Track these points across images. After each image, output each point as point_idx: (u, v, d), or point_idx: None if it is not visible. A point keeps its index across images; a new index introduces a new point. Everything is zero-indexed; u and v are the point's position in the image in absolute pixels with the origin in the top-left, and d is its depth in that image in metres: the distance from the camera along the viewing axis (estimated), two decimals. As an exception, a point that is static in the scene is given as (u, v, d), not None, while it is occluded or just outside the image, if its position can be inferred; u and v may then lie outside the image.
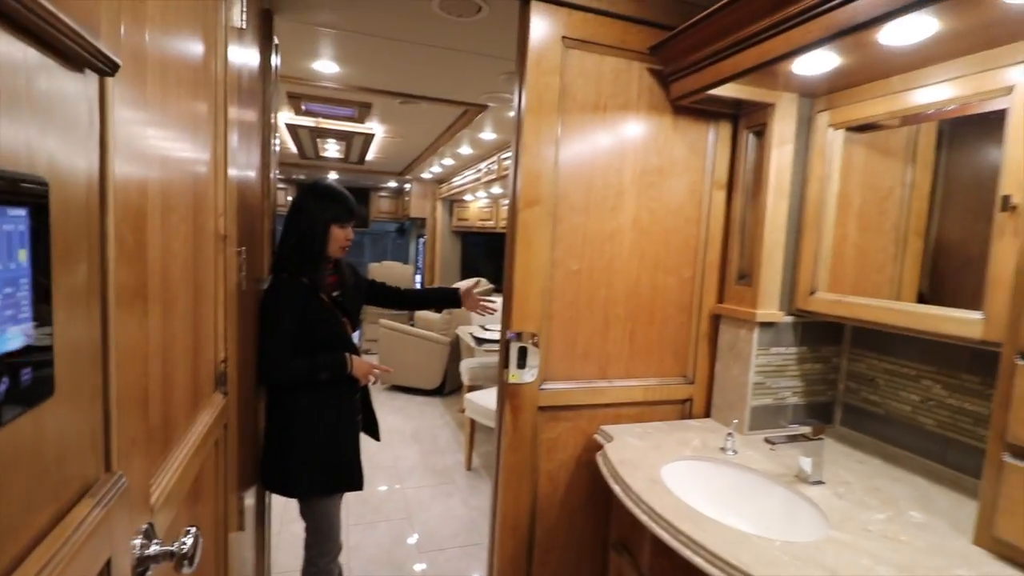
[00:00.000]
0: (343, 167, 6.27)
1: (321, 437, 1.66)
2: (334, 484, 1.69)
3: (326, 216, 1.66)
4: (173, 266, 0.87)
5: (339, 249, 1.70)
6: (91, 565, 0.46)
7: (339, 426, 1.70)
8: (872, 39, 1.16)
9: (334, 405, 1.68)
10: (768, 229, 1.63)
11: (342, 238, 1.69)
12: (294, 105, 3.62)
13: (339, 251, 1.71)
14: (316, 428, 1.65)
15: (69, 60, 0.45)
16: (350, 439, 1.73)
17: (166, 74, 0.80)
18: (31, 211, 0.40)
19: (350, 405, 1.74)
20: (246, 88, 1.41)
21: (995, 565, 1.04)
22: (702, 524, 1.15)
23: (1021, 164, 1.07)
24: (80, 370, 0.49)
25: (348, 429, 1.73)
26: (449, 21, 1.98)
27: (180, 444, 0.91)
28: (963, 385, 1.43)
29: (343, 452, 1.70)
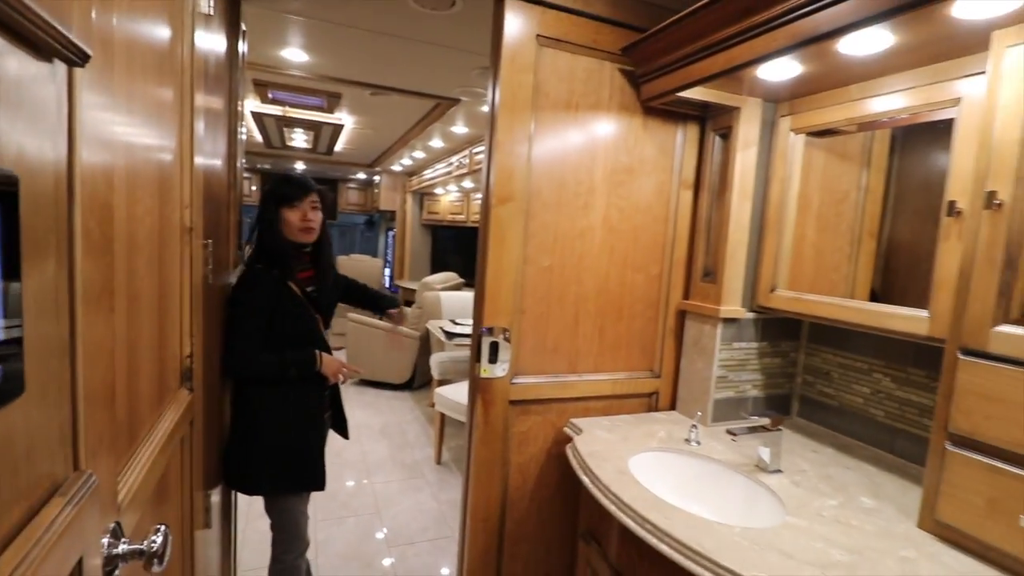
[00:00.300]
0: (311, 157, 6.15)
1: (285, 435, 1.63)
2: (296, 483, 1.66)
3: (272, 199, 1.62)
4: (138, 259, 0.85)
5: (299, 232, 1.63)
6: (63, 564, 0.45)
7: (305, 424, 1.66)
8: (832, 49, 1.21)
9: (300, 402, 1.65)
10: (732, 228, 1.68)
11: (296, 220, 1.62)
12: (260, 93, 3.53)
13: (299, 235, 1.63)
14: (281, 425, 1.62)
15: (39, 51, 0.44)
16: (315, 437, 1.70)
17: (132, 60, 0.78)
18: (1, 205, 0.39)
19: (317, 402, 1.71)
20: (212, 75, 1.37)
21: (937, 546, 1.11)
22: (667, 513, 1.19)
23: (967, 172, 1.14)
24: (49, 367, 0.48)
25: (314, 427, 1.69)
26: (423, 14, 1.97)
27: (146, 441, 0.89)
28: (910, 378, 1.51)
29: (307, 451, 1.66)
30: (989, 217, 1.04)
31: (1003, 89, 1.03)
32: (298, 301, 1.64)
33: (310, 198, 1.65)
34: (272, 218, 1.62)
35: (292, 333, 1.62)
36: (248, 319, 1.56)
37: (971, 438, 1.07)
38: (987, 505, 1.04)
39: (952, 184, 1.19)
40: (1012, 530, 1.00)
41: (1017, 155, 1.00)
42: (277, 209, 1.62)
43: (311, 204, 1.65)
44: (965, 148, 1.16)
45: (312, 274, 1.72)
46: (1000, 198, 1.02)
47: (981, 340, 1.05)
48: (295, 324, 1.63)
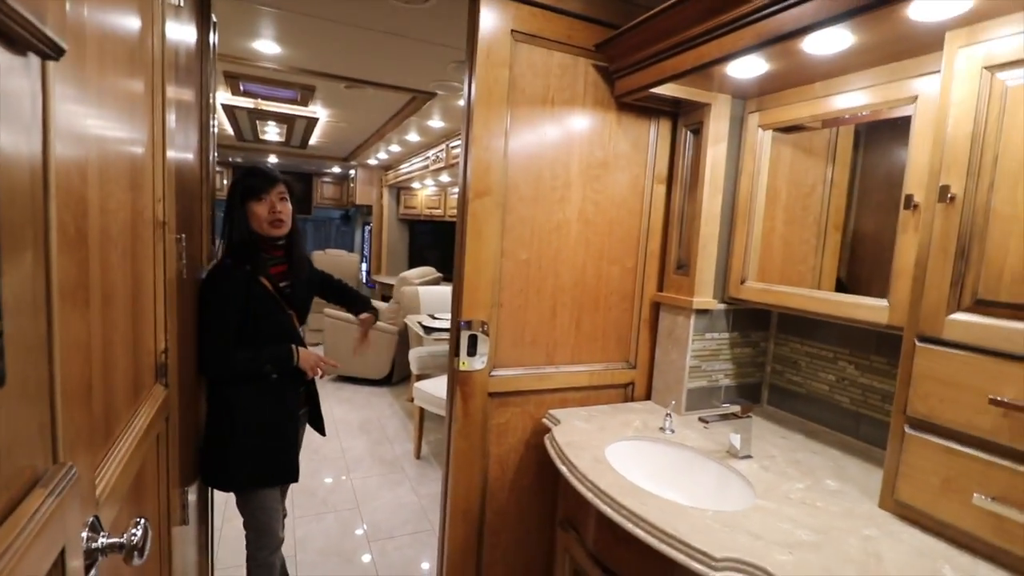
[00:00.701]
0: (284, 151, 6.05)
1: (262, 431, 1.62)
2: (272, 476, 1.66)
3: (238, 193, 1.60)
4: (112, 254, 0.84)
5: (268, 226, 1.60)
6: (46, 554, 0.46)
7: (281, 420, 1.65)
8: (797, 48, 1.25)
9: (276, 398, 1.64)
10: (704, 221, 1.72)
11: (264, 213, 1.59)
12: (231, 85, 3.47)
13: (269, 228, 1.60)
14: (257, 422, 1.60)
15: (14, 44, 0.44)
16: (292, 432, 1.69)
17: (103, 53, 0.77)
18: (-21, 199, 0.39)
19: (293, 398, 1.70)
20: (183, 67, 1.35)
21: (897, 524, 1.17)
22: (642, 499, 1.23)
23: (923, 167, 1.19)
24: (28, 360, 0.48)
25: (290, 422, 1.68)
26: (398, 7, 1.96)
27: (122, 437, 0.88)
28: (872, 366, 1.58)
29: (283, 445, 1.66)
30: (943, 210, 1.09)
31: (955, 88, 1.08)
32: (270, 297, 1.62)
33: (277, 189, 1.62)
34: (239, 212, 1.59)
35: (266, 330, 1.60)
36: (219, 317, 1.54)
37: (928, 421, 1.12)
38: (942, 484, 1.10)
39: (909, 178, 1.24)
40: (965, 507, 1.05)
41: (968, 150, 1.05)
42: (244, 203, 1.59)
43: (278, 195, 1.62)
44: (921, 144, 1.21)
45: (285, 268, 1.69)
46: (953, 192, 1.07)
47: (936, 327, 1.11)
48: (268, 321, 1.61)
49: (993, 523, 1.01)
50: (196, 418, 1.60)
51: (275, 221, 1.61)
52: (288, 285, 1.68)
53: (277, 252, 1.67)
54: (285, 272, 1.69)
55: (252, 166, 1.67)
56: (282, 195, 1.63)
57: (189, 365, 1.44)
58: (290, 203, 1.67)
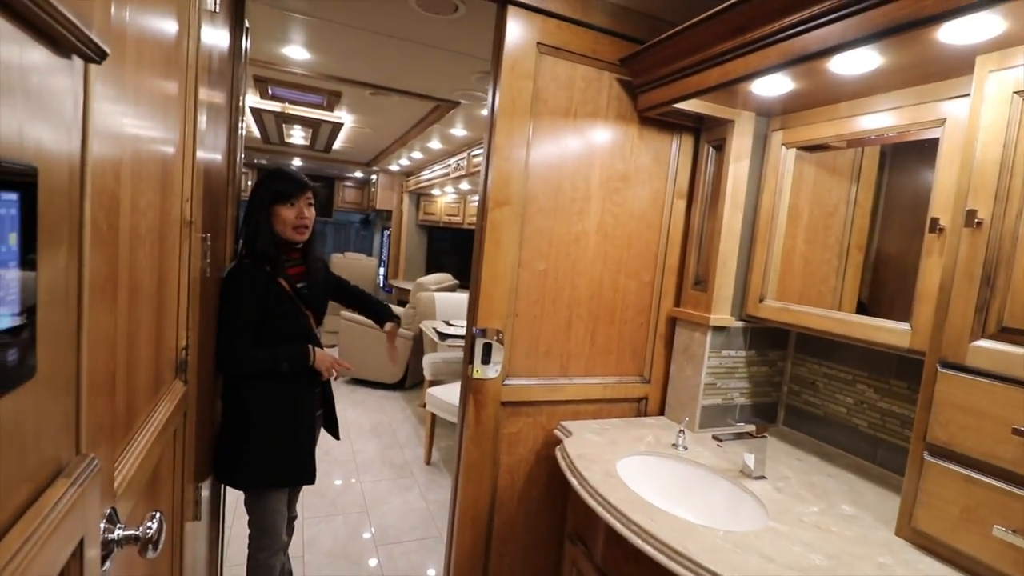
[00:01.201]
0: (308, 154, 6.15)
1: (277, 430, 1.62)
2: (286, 478, 1.66)
3: (266, 196, 1.60)
4: (140, 251, 0.86)
5: (292, 231, 1.62)
6: (66, 543, 0.47)
7: (296, 420, 1.66)
8: (823, 67, 1.25)
9: (292, 398, 1.64)
10: (723, 238, 1.71)
11: (291, 218, 1.61)
12: (260, 88, 3.54)
13: (292, 233, 1.62)
14: (272, 421, 1.61)
15: (59, 47, 0.46)
16: (306, 433, 1.69)
17: (141, 55, 0.79)
18: (21, 196, 0.41)
19: (309, 399, 1.70)
20: (216, 70, 1.39)
21: (913, 553, 1.14)
22: (653, 515, 1.22)
23: (949, 190, 1.17)
24: (58, 353, 0.49)
25: (305, 423, 1.69)
26: (425, 17, 1.99)
27: (141, 431, 0.90)
28: (892, 390, 1.55)
29: (298, 446, 1.66)
30: (969, 235, 1.07)
31: (985, 112, 1.06)
32: (288, 298, 1.62)
33: (306, 195, 1.64)
34: (264, 214, 1.60)
35: (282, 329, 1.62)
36: (238, 316, 1.55)
37: (948, 448, 1.10)
38: (961, 514, 1.07)
39: (935, 202, 1.22)
40: (985, 539, 1.03)
41: (997, 175, 1.04)
42: (271, 205, 1.60)
43: (307, 201, 1.64)
44: (948, 167, 1.19)
45: (303, 270, 1.71)
46: (980, 216, 1.05)
47: (959, 354, 1.09)
48: (285, 321, 1.62)
49: (1013, 556, 0.97)
50: (212, 415, 1.62)
51: (300, 227, 1.63)
52: (305, 286, 1.70)
53: (295, 254, 1.69)
54: (302, 273, 1.71)
55: (280, 169, 1.67)
56: (310, 201, 1.66)
57: (208, 362, 1.47)
58: (314, 208, 1.69)
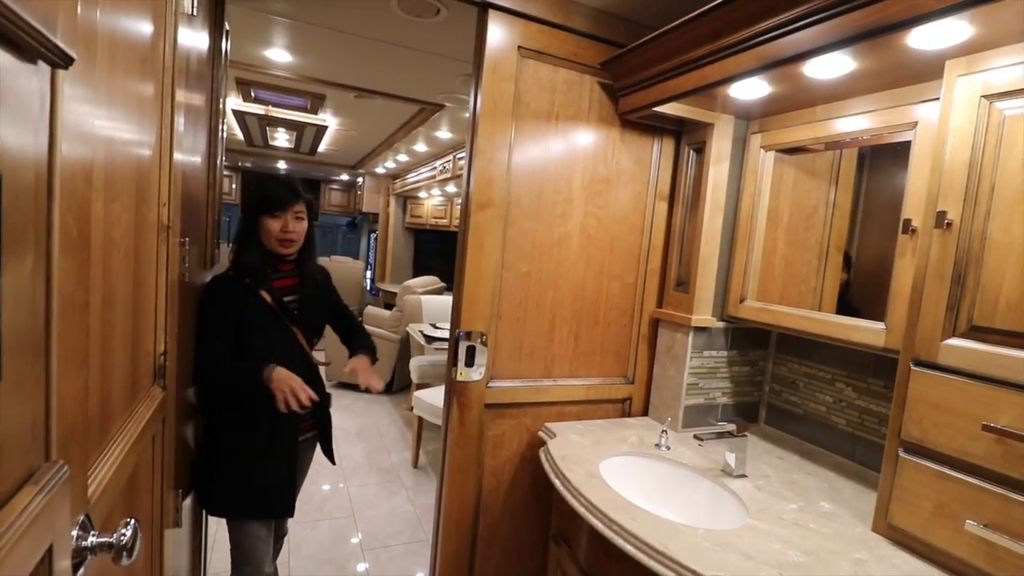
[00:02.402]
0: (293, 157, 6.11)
1: (250, 457, 1.51)
2: (259, 509, 1.55)
3: (252, 204, 1.54)
4: (114, 256, 0.85)
5: (276, 243, 1.53)
6: (34, 550, 0.46)
7: (272, 447, 1.53)
8: (798, 72, 1.27)
9: (268, 423, 1.51)
10: (704, 240, 1.73)
11: (276, 229, 1.52)
12: (243, 91, 3.52)
13: (276, 244, 1.53)
14: (245, 447, 1.51)
15: (23, 52, 0.45)
16: (285, 464, 1.56)
17: (114, 57, 0.79)
18: (-16, 201, 0.40)
19: (289, 424, 1.55)
20: (194, 73, 1.37)
21: (889, 549, 1.16)
22: (635, 515, 1.23)
23: (921, 192, 1.20)
24: (24, 359, 0.49)
25: (284, 451, 1.56)
26: (407, 20, 1.99)
27: (117, 437, 0.89)
28: (870, 388, 1.58)
29: (273, 476, 1.54)
30: (940, 236, 1.10)
31: (954, 115, 1.09)
32: (268, 311, 1.52)
33: (294, 208, 1.54)
34: (251, 224, 1.54)
35: (260, 345, 1.50)
36: (208, 328, 1.48)
37: (921, 445, 1.12)
38: (935, 509, 1.09)
39: (908, 203, 1.25)
40: (958, 533, 1.05)
41: (966, 178, 1.06)
42: (257, 215, 1.53)
43: (295, 214, 1.55)
44: (920, 169, 1.22)
45: (294, 283, 1.61)
46: (950, 218, 1.08)
47: (932, 352, 1.11)
48: (263, 336, 1.51)
49: (986, 550, 1.00)
50: (195, 422, 1.60)
51: (285, 241, 1.54)
52: (294, 300, 1.59)
53: (286, 266, 1.61)
54: (293, 287, 1.61)
55: (272, 176, 1.61)
56: (299, 214, 1.56)
57: (188, 368, 1.45)
58: (306, 220, 1.59)
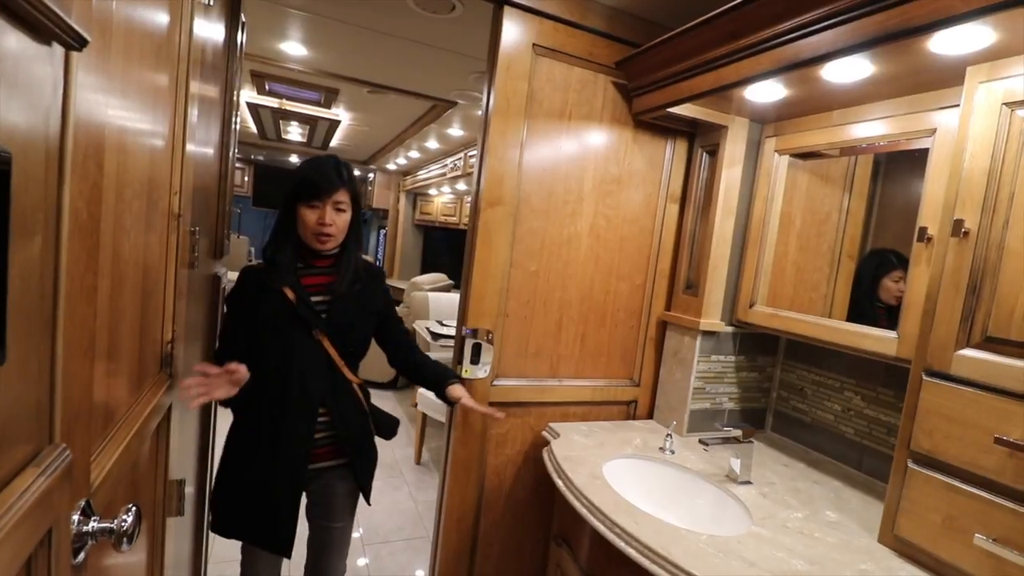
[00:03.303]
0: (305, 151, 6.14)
1: (245, 475, 1.35)
2: (252, 535, 1.37)
3: (288, 194, 1.37)
4: (124, 242, 0.85)
5: (311, 236, 1.35)
6: (34, 532, 0.46)
7: (271, 468, 1.33)
8: (816, 75, 1.25)
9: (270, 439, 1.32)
10: (715, 243, 1.72)
11: (312, 221, 1.33)
12: (258, 84, 3.53)
13: (311, 239, 1.35)
14: (243, 461, 1.35)
15: (38, 33, 0.45)
16: (285, 490, 1.34)
17: (130, 45, 0.79)
18: (-7, 180, 0.40)
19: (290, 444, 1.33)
20: (209, 64, 1.38)
21: (895, 560, 1.14)
22: (637, 518, 1.22)
23: (938, 200, 1.18)
24: (30, 341, 0.49)
25: (285, 475, 1.34)
26: (423, 16, 1.99)
27: (122, 423, 0.89)
28: (879, 398, 1.55)
29: (267, 504, 1.33)
30: (956, 244, 1.08)
31: (974, 122, 1.07)
32: (287, 311, 1.34)
33: (334, 197, 1.33)
34: (286, 213, 1.37)
35: (275, 348, 1.34)
36: (224, 321, 1.42)
37: (931, 457, 1.10)
38: (944, 522, 1.07)
39: (924, 211, 1.23)
40: (966, 548, 1.03)
41: (984, 186, 1.04)
42: (292, 205, 1.35)
43: (334, 204, 1.34)
44: (937, 177, 1.20)
45: (328, 281, 1.40)
46: (967, 226, 1.06)
47: (944, 362, 1.09)
48: (277, 337, 1.34)
49: (994, 565, 0.98)
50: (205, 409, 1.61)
51: (321, 236, 1.34)
52: (324, 301, 1.38)
53: (322, 261, 1.40)
54: (326, 285, 1.39)
55: (316, 158, 1.39)
56: (339, 205, 1.35)
57: (195, 356, 1.46)
58: (349, 211, 1.38)
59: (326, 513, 1.50)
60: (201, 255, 1.40)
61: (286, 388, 1.33)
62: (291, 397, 1.33)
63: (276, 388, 1.33)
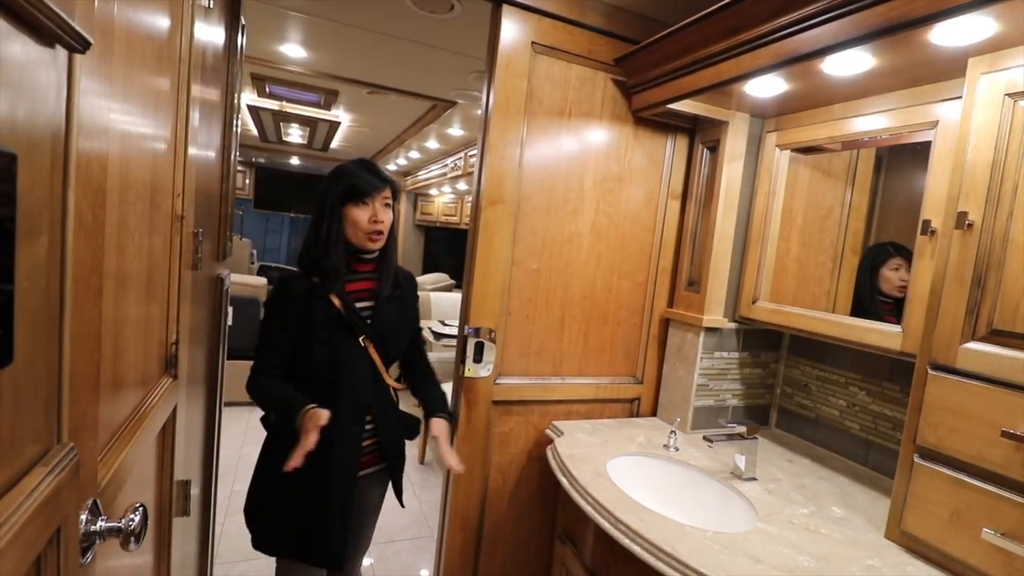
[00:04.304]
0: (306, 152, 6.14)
1: (298, 487, 1.28)
2: (298, 550, 1.32)
3: (335, 193, 1.31)
4: (128, 244, 0.86)
5: (364, 236, 1.32)
6: (43, 531, 0.46)
7: (319, 477, 1.28)
8: (816, 69, 1.25)
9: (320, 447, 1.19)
10: (717, 239, 1.71)
11: (364, 220, 1.31)
12: (258, 86, 3.54)
13: (364, 239, 1.33)
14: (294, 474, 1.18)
15: (41, 35, 0.45)
16: (333, 500, 1.30)
17: (132, 49, 0.79)
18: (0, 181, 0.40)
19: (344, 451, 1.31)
20: (210, 67, 1.38)
21: (902, 556, 1.14)
22: (642, 515, 1.21)
23: (941, 193, 1.17)
24: (37, 341, 0.49)
25: (336, 484, 1.30)
26: (422, 16, 1.99)
27: (128, 423, 0.90)
28: (884, 393, 1.55)
29: (314, 516, 1.30)
30: (960, 237, 1.07)
31: (977, 114, 1.07)
32: (334, 317, 1.31)
33: (383, 193, 1.34)
34: (331, 214, 1.32)
35: (324, 359, 1.31)
36: (266, 330, 1.33)
37: (937, 451, 1.10)
38: (951, 517, 1.07)
39: (927, 204, 1.22)
40: (974, 542, 1.03)
41: (988, 178, 1.04)
42: (340, 204, 1.31)
43: (383, 200, 1.34)
44: (940, 170, 1.20)
45: (372, 287, 1.39)
46: (971, 219, 1.06)
47: (950, 356, 1.09)
48: (326, 348, 1.31)
49: (1003, 560, 0.98)
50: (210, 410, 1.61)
51: (374, 233, 1.33)
52: (368, 308, 1.38)
53: (364, 266, 1.39)
54: (370, 291, 1.39)
55: (353, 163, 1.37)
56: (387, 200, 1.35)
57: (200, 358, 1.46)
58: (392, 210, 1.39)
59: (359, 517, 1.49)
60: (204, 257, 1.41)
61: (337, 396, 1.30)
62: (342, 405, 1.30)
63: (326, 397, 1.28)
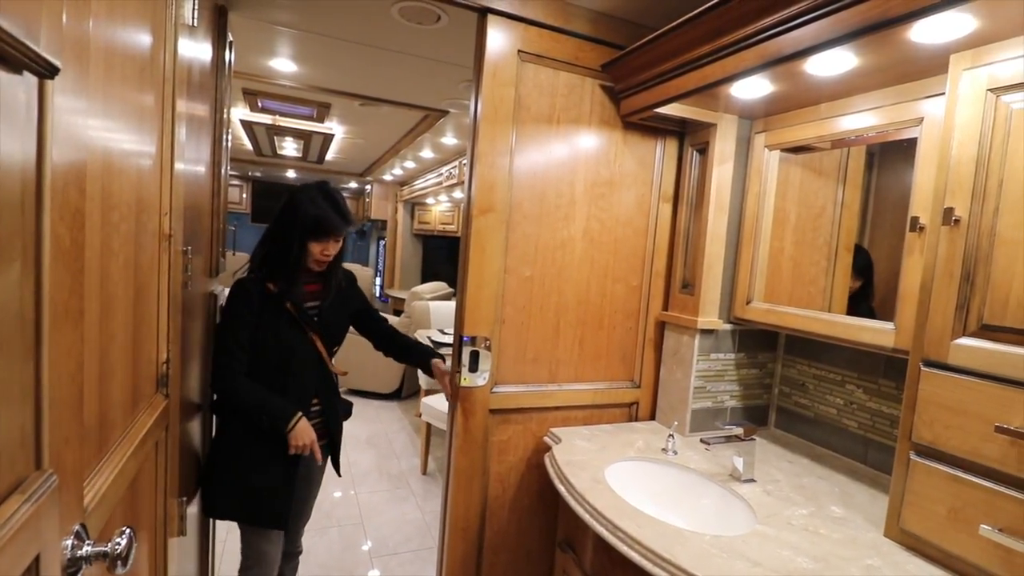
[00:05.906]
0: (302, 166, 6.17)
1: (250, 458, 1.51)
2: (247, 515, 1.54)
3: (301, 230, 1.52)
4: (113, 265, 0.86)
5: (314, 263, 1.56)
6: (19, 560, 0.46)
7: (271, 454, 1.51)
8: (801, 69, 1.25)
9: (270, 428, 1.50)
10: (709, 241, 1.71)
11: (317, 252, 1.54)
12: (250, 101, 3.55)
13: (315, 265, 1.57)
14: (247, 447, 1.51)
15: (7, 63, 0.45)
16: (287, 471, 1.54)
17: (110, 67, 0.79)
18: (-36, 210, 0.40)
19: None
20: (197, 83, 1.39)
21: (902, 554, 1.13)
22: (640, 521, 1.21)
23: (928, 189, 1.17)
24: (12, 367, 0.49)
25: (282, 459, 1.53)
26: (409, 28, 2.00)
27: (117, 445, 0.89)
28: (881, 390, 1.54)
29: (266, 484, 1.52)
30: (947, 233, 1.07)
31: (960, 110, 1.07)
32: (287, 317, 1.54)
33: (340, 235, 1.58)
34: (297, 247, 1.53)
35: (275, 349, 1.52)
36: (227, 331, 1.50)
37: (933, 448, 1.09)
38: (948, 514, 1.06)
39: (915, 200, 1.22)
40: (972, 538, 1.02)
41: (973, 173, 1.04)
42: (304, 241, 1.53)
43: (336, 239, 1.58)
44: (927, 166, 1.20)
45: (316, 289, 1.63)
46: (958, 214, 1.06)
47: (942, 352, 1.08)
48: (279, 341, 1.52)
49: (1001, 555, 0.97)
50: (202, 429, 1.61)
51: (321, 262, 1.58)
52: (315, 307, 1.62)
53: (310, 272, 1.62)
54: (315, 293, 1.63)
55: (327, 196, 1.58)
56: (338, 238, 1.59)
57: (192, 376, 1.46)
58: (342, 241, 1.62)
59: (305, 487, 1.73)
60: (195, 274, 1.41)
61: (287, 384, 1.54)
62: (291, 391, 1.54)
63: (278, 385, 1.53)
